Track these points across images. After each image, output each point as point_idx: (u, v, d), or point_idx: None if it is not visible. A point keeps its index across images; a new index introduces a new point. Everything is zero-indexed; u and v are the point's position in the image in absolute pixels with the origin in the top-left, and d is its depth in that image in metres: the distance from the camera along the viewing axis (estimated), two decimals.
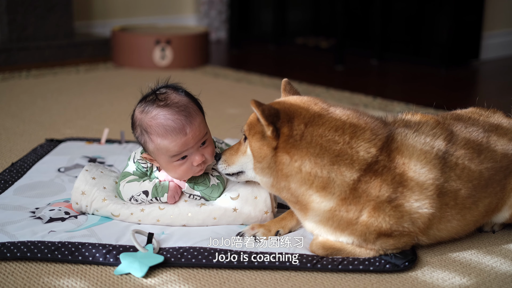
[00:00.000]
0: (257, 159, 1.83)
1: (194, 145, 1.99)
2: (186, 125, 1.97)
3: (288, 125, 1.78)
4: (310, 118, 1.80)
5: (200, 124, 2.01)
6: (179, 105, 2.00)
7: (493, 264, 1.87)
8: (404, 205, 1.77)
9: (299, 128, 1.78)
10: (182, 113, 1.99)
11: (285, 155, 1.78)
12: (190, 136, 1.98)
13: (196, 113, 2.02)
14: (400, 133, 1.85)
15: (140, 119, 2.03)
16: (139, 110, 2.04)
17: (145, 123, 2.01)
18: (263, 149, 1.81)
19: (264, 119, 1.76)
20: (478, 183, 1.88)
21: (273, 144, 1.79)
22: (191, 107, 2.02)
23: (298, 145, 1.77)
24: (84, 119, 3.41)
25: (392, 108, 3.69)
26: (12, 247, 1.84)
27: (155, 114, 1.99)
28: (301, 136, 1.77)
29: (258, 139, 1.82)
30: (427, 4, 5.13)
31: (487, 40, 5.39)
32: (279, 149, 1.79)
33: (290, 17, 6.27)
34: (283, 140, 1.78)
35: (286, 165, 1.78)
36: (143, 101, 2.05)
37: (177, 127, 1.97)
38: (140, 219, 2.03)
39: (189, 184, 2.05)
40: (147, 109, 2.01)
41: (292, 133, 1.78)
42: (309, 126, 1.78)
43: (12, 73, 4.50)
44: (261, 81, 4.41)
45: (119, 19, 5.84)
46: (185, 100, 2.03)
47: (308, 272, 1.80)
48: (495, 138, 1.96)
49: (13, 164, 2.52)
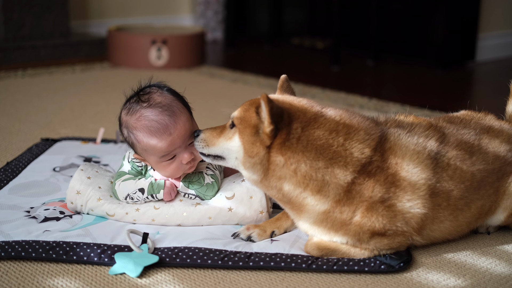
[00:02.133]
0: (249, 154, 1.80)
1: (182, 144, 1.99)
2: (170, 125, 1.97)
3: (287, 127, 1.78)
4: (306, 122, 1.79)
5: (186, 123, 2.00)
6: (162, 105, 1.99)
7: (488, 265, 1.87)
8: (396, 205, 1.78)
9: (296, 132, 1.77)
10: (166, 112, 1.98)
11: (279, 157, 1.77)
12: (175, 136, 1.97)
13: (180, 112, 2.01)
14: (393, 133, 1.85)
15: (125, 121, 2.03)
16: (125, 112, 2.04)
17: (130, 125, 2.01)
18: (256, 145, 1.79)
19: (270, 117, 1.74)
20: (470, 184, 1.88)
21: (266, 143, 1.78)
22: (175, 105, 2.01)
23: (294, 148, 1.76)
24: (80, 118, 3.41)
25: (388, 108, 3.69)
26: (6, 246, 1.83)
27: (139, 115, 1.99)
28: (297, 140, 1.77)
29: (250, 134, 1.80)
30: (423, 5, 5.14)
31: (483, 41, 5.40)
32: (273, 149, 1.78)
33: (286, 18, 6.27)
34: (279, 142, 1.77)
35: (279, 167, 1.78)
36: (128, 102, 2.05)
37: (161, 127, 1.96)
38: (135, 219, 2.03)
39: (184, 183, 2.05)
40: (132, 111, 2.01)
41: (289, 136, 1.77)
42: (305, 130, 1.78)
43: (8, 72, 4.49)
44: (257, 81, 4.41)
45: (115, 18, 5.83)
46: (169, 99, 2.02)
47: (303, 273, 1.80)
48: (486, 140, 1.96)
49: (8, 164, 2.51)
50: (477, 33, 5.25)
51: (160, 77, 4.55)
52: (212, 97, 3.98)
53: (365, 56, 5.43)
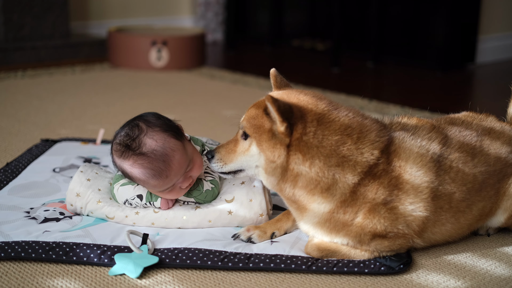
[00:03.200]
0: (270, 159, 1.77)
1: (180, 177, 1.98)
2: (165, 169, 1.94)
3: (301, 122, 1.74)
4: (320, 114, 1.77)
5: (181, 159, 1.96)
6: (155, 152, 1.94)
7: (488, 267, 1.87)
8: (399, 207, 1.77)
9: (312, 125, 1.75)
10: (160, 158, 1.94)
11: (298, 154, 1.74)
12: (172, 175, 1.95)
13: (174, 151, 1.96)
14: (397, 136, 1.85)
15: (119, 164, 1.99)
16: (117, 154, 1.98)
17: (124, 169, 1.98)
18: (277, 147, 1.75)
19: (280, 115, 1.71)
20: (472, 186, 1.88)
21: (286, 141, 1.75)
22: (168, 146, 1.95)
23: (311, 144, 1.74)
24: (80, 119, 3.41)
25: (388, 110, 3.69)
26: (6, 247, 1.83)
27: (132, 162, 1.95)
28: (314, 134, 1.74)
29: (267, 139, 1.77)
30: (423, 7, 5.14)
31: (483, 43, 5.40)
32: (292, 147, 1.75)
33: (287, 19, 6.27)
34: (296, 137, 1.74)
35: (297, 165, 1.75)
36: (118, 143, 1.98)
37: (157, 173, 1.94)
38: (135, 222, 2.03)
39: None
40: (124, 155, 1.96)
41: (306, 130, 1.74)
42: (320, 124, 1.75)
43: (8, 73, 4.49)
44: (257, 83, 4.40)
45: (116, 19, 5.83)
46: (160, 142, 1.95)
47: (303, 274, 1.80)
48: (488, 142, 1.96)
49: (8, 164, 2.51)
50: (477, 35, 5.25)
51: (160, 78, 4.55)
52: (212, 99, 3.98)
53: (365, 58, 5.43)
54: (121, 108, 3.63)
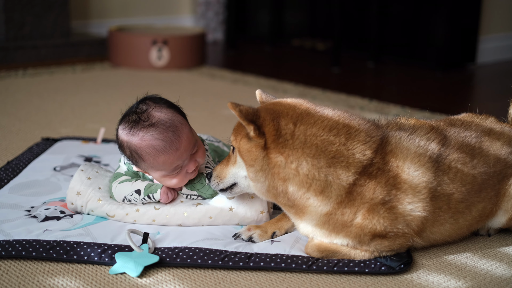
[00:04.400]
0: (248, 163, 1.80)
1: (187, 156, 1.99)
2: (175, 141, 1.96)
3: (274, 123, 1.77)
4: (298, 116, 1.79)
5: (189, 134, 2.00)
6: (164, 122, 1.97)
7: (489, 268, 1.87)
8: (397, 207, 1.78)
9: (288, 127, 1.77)
10: (170, 129, 1.96)
11: (278, 156, 1.77)
12: (182, 150, 1.97)
13: (182, 125, 1.99)
14: (394, 136, 1.85)
15: (127, 141, 1.99)
16: (124, 132, 2.00)
17: (133, 145, 1.98)
18: (252, 150, 1.79)
19: (243, 118, 1.75)
20: (472, 187, 1.88)
21: (260, 143, 1.77)
22: (176, 119, 1.99)
23: (291, 145, 1.76)
24: (80, 118, 3.41)
25: (388, 110, 3.69)
26: (7, 245, 1.84)
27: (143, 135, 1.96)
28: (291, 135, 1.76)
29: (245, 143, 1.80)
30: (424, 7, 5.14)
31: (484, 44, 5.40)
32: (270, 150, 1.77)
33: (287, 19, 6.27)
34: (271, 140, 1.76)
35: (282, 168, 1.77)
36: (126, 122, 2.00)
37: (168, 145, 1.95)
38: (136, 219, 2.03)
39: (186, 186, 2.05)
40: (133, 131, 1.97)
41: (280, 132, 1.76)
42: (300, 125, 1.77)
43: (9, 72, 4.49)
44: (258, 82, 4.41)
45: (116, 19, 5.83)
46: (169, 114, 1.99)
47: (303, 274, 1.80)
48: (488, 143, 1.96)
49: (8, 163, 2.51)
50: (477, 35, 5.25)
51: (161, 78, 4.56)
52: (212, 98, 3.98)
53: (366, 58, 5.43)
54: (121, 107, 3.61)
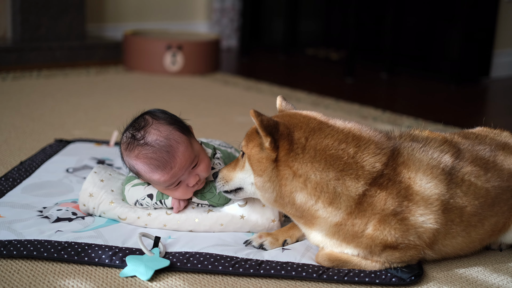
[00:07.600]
0: (257, 173, 1.80)
1: (185, 172, 1.99)
2: (169, 160, 1.95)
3: (288, 138, 1.77)
4: (310, 131, 1.79)
5: (185, 152, 1.98)
6: (159, 141, 1.96)
7: (500, 282, 1.86)
8: (409, 218, 1.77)
9: (300, 142, 1.77)
10: (164, 148, 1.96)
11: (287, 169, 1.77)
12: (176, 169, 1.96)
13: (178, 143, 1.98)
14: (407, 147, 1.84)
15: (125, 156, 2.02)
16: (123, 146, 2.02)
17: (130, 161, 2.00)
18: (263, 161, 1.79)
19: (263, 129, 1.74)
20: (485, 201, 1.87)
21: (272, 156, 1.77)
22: (172, 137, 1.98)
23: (301, 159, 1.76)
24: (94, 120, 3.42)
25: (401, 122, 3.69)
26: (18, 245, 1.84)
27: (137, 153, 1.98)
28: (302, 150, 1.76)
29: (256, 152, 1.80)
30: (439, 19, 5.13)
31: (499, 58, 5.38)
32: (280, 163, 1.77)
33: (301, 28, 6.28)
34: (283, 154, 1.77)
35: (289, 180, 1.77)
36: (125, 136, 2.03)
37: (162, 164, 1.95)
38: (147, 223, 2.03)
39: (196, 196, 2.05)
40: (130, 147, 1.99)
41: (293, 147, 1.76)
42: (311, 139, 1.77)
43: (23, 73, 4.51)
44: (271, 90, 4.41)
45: (131, 23, 5.86)
46: (166, 132, 1.98)
47: (313, 282, 1.80)
48: (502, 157, 1.95)
49: (21, 163, 2.52)
50: (492, 49, 5.24)
51: (174, 83, 4.57)
52: (225, 105, 3.98)
53: (379, 69, 5.43)
54: (135, 111, 3.62)
